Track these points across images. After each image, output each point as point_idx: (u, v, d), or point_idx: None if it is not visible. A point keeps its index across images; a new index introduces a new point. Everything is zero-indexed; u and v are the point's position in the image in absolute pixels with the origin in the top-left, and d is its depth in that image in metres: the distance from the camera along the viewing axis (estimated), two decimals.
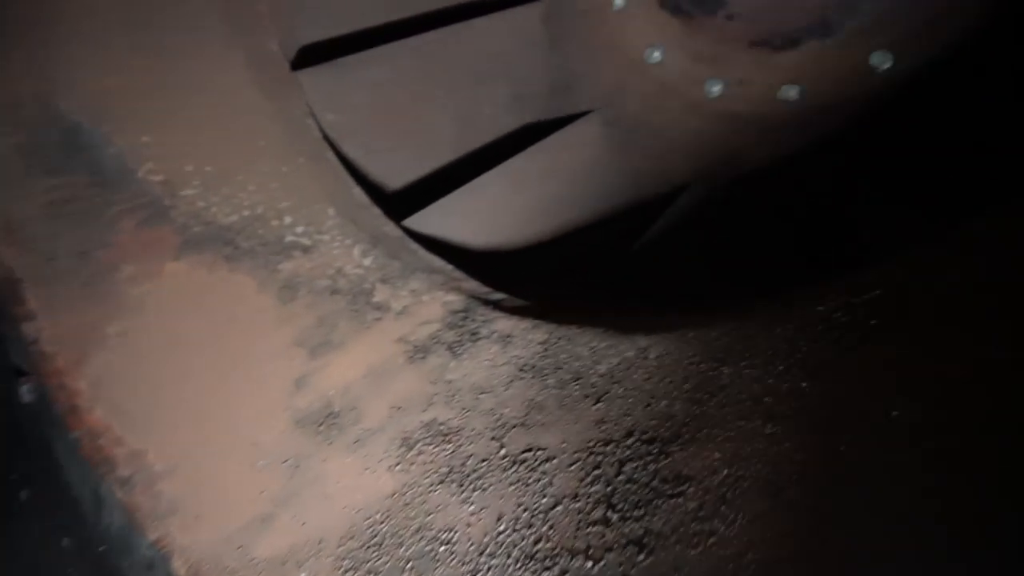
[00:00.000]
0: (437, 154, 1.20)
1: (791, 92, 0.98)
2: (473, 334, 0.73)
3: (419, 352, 0.73)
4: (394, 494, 0.58)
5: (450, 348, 0.72)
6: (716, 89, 1.04)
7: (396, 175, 1.14)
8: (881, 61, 0.90)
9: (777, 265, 0.94)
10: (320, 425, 0.67)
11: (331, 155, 1.02)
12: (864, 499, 0.31)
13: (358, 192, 0.98)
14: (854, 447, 0.34)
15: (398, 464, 0.61)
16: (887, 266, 0.47)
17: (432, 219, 1.03)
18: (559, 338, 0.66)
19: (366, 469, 0.62)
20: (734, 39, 1.01)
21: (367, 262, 0.86)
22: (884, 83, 0.92)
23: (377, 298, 0.81)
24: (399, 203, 1.06)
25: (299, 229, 0.90)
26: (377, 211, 0.96)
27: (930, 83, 0.88)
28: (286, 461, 0.64)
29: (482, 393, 0.63)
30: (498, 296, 0.80)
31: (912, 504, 0.29)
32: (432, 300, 0.80)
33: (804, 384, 0.40)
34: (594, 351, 0.61)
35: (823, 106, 0.98)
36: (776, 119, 1.02)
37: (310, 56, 1.14)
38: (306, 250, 0.88)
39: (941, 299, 0.40)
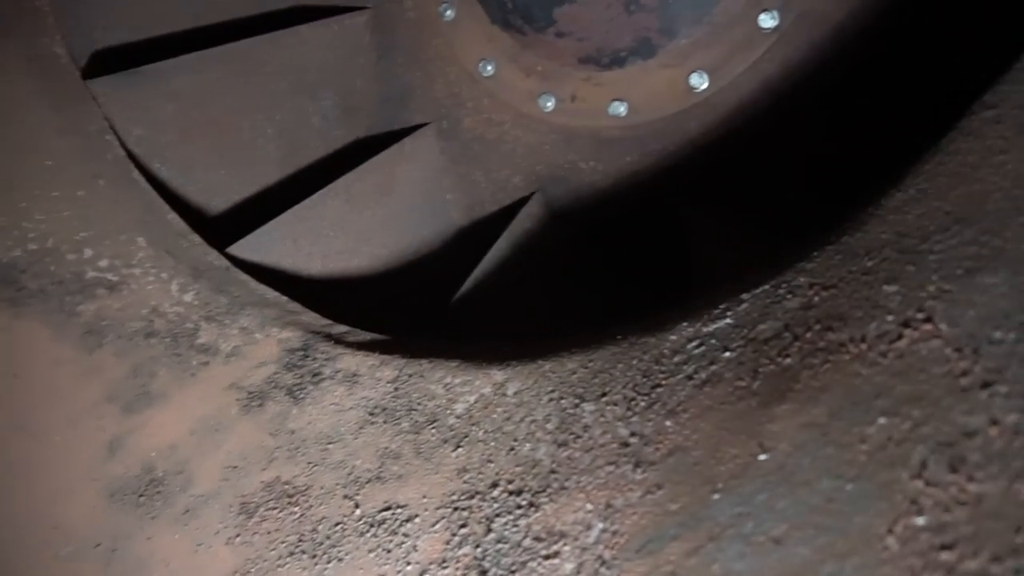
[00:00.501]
0: (263, 172, 1.11)
1: (620, 108, 1.01)
2: (315, 375, 0.67)
3: (255, 400, 0.66)
4: (235, 573, 0.51)
5: (290, 393, 0.66)
6: (550, 104, 1.05)
7: (218, 196, 1.05)
8: (699, 82, 0.95)
9: (623, 288, 0.97)
10: (141, 496, 0.58)
11: (139, 176, 0.90)
12: (747, 552, 0.32)
13: (174, 218, 0.88)
14: (729, 493, 0.34)
15: (238, 535, 0.54)
16: (732, 292, 0.49)
17: (261, 245, 0.95)
18: (410, 375, 0.63)
19: (200, 545, 0.55)
20: (564, 56, 1.02)
21: (188, 298, 0.77)
22: (704, 103, 0.97)
23: (202, 339, 0.73)
24: (223, 228, 0.97)
25: (102, 263, 0.79)
26: (197, 239, 0.87)
27: (750, 105, 0.94)
28: (99, 545, 0.55)
29: (330, 443, 0.58)
30: (340, 329, 0.75)
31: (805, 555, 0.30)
32: (266, 338, 0.73)
33: (668, 423, 0.40)
34: (449, 388, 0.58)
35: (649, 123, 1.01)
36: (608, 134, 1.05)
37: (105, 63, 1.01)
38: (112, 287, 0.77)
39: (791, 323, 0.42)
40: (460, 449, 0.50)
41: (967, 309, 0.33)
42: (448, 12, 1.10)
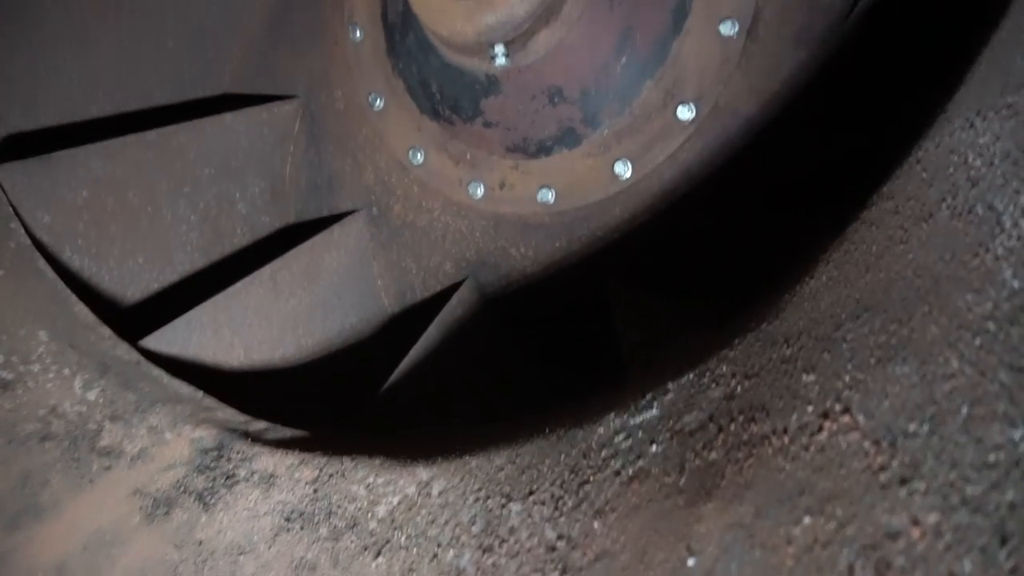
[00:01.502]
0: (184, 260, 1.08)
1: (548, 195, 1.03)
2: (229, 477, 0.62)
3: (160, 507, 0.61)
4: None
5: (200, 498, 0.61)
6: (479, 191, 1.06)
7: (134, 286, 1.00)
8: (623, 170, 0.98)
9: (555, 374, 0.96)
10: None
11: (45, 265, 0.86)
12: None
13: (81, 309, 0.83)
14: None
15: None
16: (658, 381, 0.48)
17: (179, 336, 0.91)
18: (331, 475, 0.59)
19: None
20: (492, 145, 1.04)
21: (92, 396, 0.72)
22: (628, 190, 1.00)
23: (105, 441, 0.67)
24: (138, 319, 0.92)
25: None
26: (107, 331, 0.82)
27: (671, 192, 0.97)
28: None
29: (241, 554, 0.54)
30: (259, 426, 0.71)
31: None
32: (177, 438, 0.68)
33: (595, 524, 0.38)
34: (371, 489, 0.55)
35: (576, 209, 1.03)
36: (537, 220, 1.06)
37: (17, 148, 0.97)
38: (7, 386, 0.72)
39: (715, 414, 0.41)
40: (380, 558, 0.47)
41: (882, 400, 0.33)
42: (377, 102, 1.12)
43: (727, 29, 0.92)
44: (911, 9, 0.73)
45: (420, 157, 1.10)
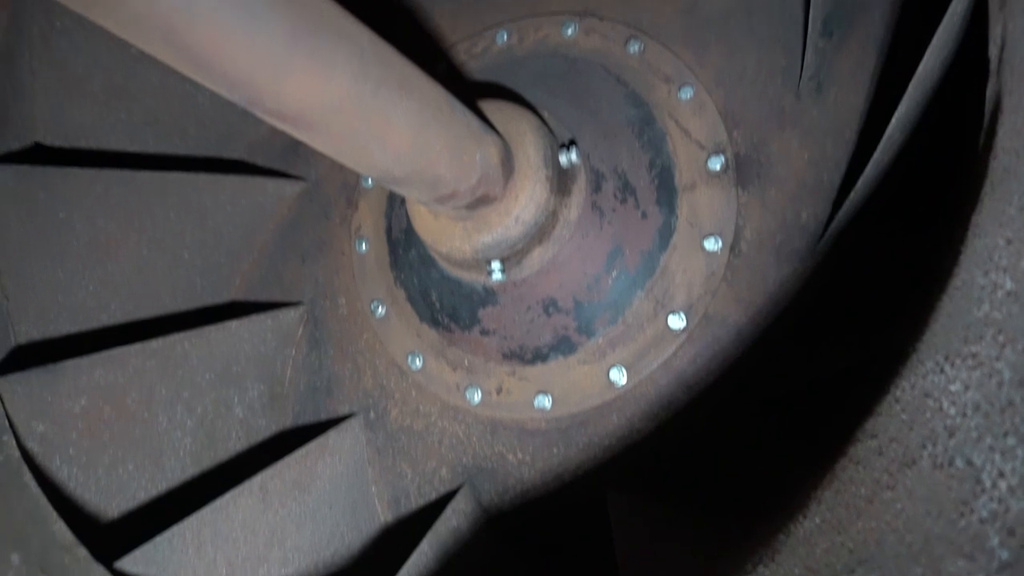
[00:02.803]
0: (174, 466, 1.06)
1: (545, 401, 1.03)
2: None
3: None
4: None
5: None
6: (476, 397, 1.07)
7: (120, 496, 0.97)
8: (618, 377, 0.99)
9: None
10: None
11: (31, 479, 0.84)
12: None
13: (60, 528, 0.80)
14: None
15: None
16: None
17: (158, 554, 0.87)
18: None
19: None
20: (489, 351, 1.06)
21: None
22: (624, 396, 1.00)
23: None
24: (121, 533, 0.89)
25: None
26: (83, 552, 0.79)
27: (667, 398, 0.98)
28: None
29: None
30: None
31: None
32: None
33: None
34: None
35: (573, 415, 1.03)
36: (534, 426, 1.05)
37: (22, 358, 0.99)
38: None
39: None
40: None
41: None
42: (379, 309, 1.16)
43: (711, 245, 0.97)
44: (877, 237, 0.78)
45: (419, 362, 1.11)
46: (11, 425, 0.87)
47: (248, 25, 0.48)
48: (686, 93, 1.01)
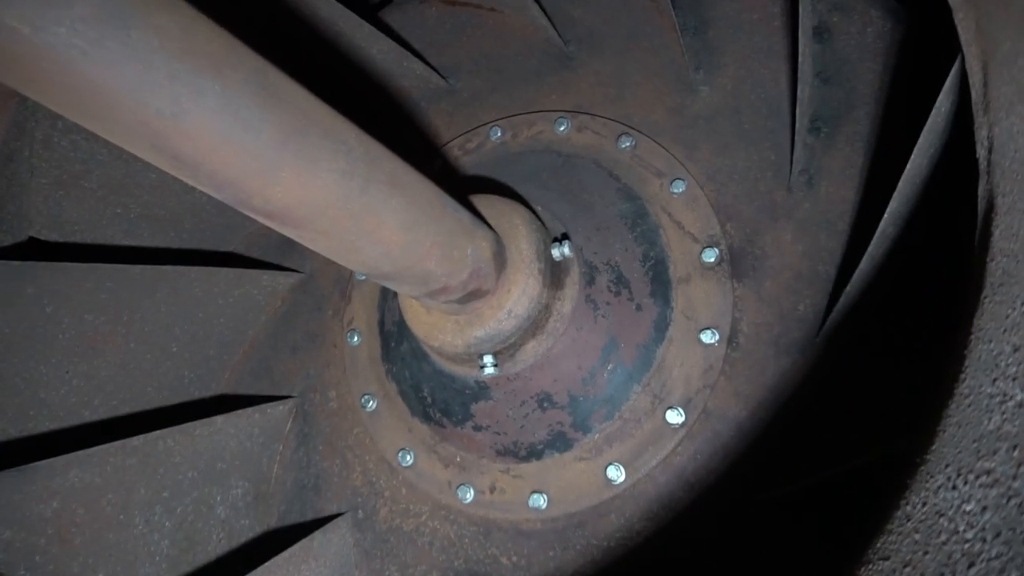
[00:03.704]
0: (149, 573, 1.00)
1: (540, 500, 0.99)
2: None
3: None
4: None
5: None
6: (469, 495, 1.03)
7: None
8: (616, 475, 0.95)
9: None
10: None
11: None
12: None
13: None
14: None
15: None
16: None
17: None
18: None
19: None
20: (482, 448, 1.03)
21: None
22: (623, 495, 0.96)
23: None
24: None
25: None
26: None
27: (667, 496, 0.94)
28: None
29: None
30: None
31: None
32: None
33: None
34: None
35: (570, 515, 0.98)
36: (529, 526, 1.01)
37: None
38: None
39: None
40: None
41: None
42: (370, 403, 1.13)
43: (708, 338, 0.95)
44: (876, 331, 0.76)
45: (409, 459, 1.08)
46: None
47: (235, 129, 0.48)
48: (678, 187, 1.02)
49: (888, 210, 0.73)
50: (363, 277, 1.22)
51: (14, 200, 1.01)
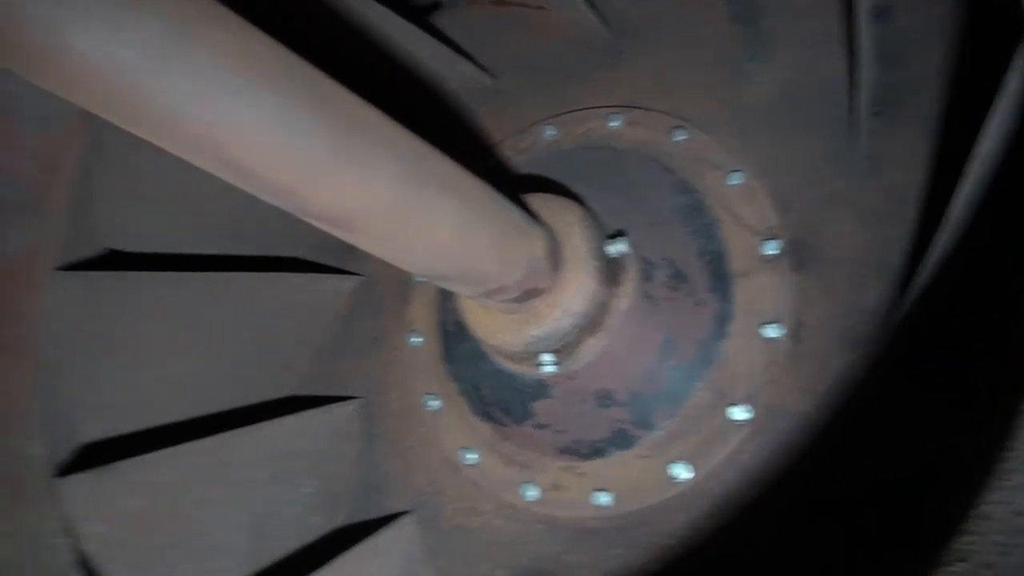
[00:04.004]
0: (228, 568, 1.04)
1: (603, 498, 0.98)
2: None
3: None
4: None
5: None
6: (532, 493, 1.03)
7: None
8: (680, 472, 0.94)
9: None
10: None
11: None
12: None
13: None
14: None
15: None
16: None
17: None
18: None
19: None
20: (543, 446, 1.03)
21: None
22: (688, 493, 0.95)
23: None
24: None
25: None
26: None
27: (735, 495, 0.92)
28: None
29: None
30: None
31: None
32: None
33: None
34: None
35: (634, 513, 0.98)
36: (592, 524, 1.00)
37: (86, 458, 1.01)
38: None
39: None
40: None
41: None
42: (432, 403, 1.15)
43: (771, 332, 0.93)
44: (950, 322, 0.73)
45: (472, 457, 1.09)
46: (69, 528, 0.88)
47: (290, 138, 0.49)
48: (735, 179, 1.00)
49: (961, 192, 0.70)
50: (422, 279, 1.24)
51: (92, 214, 1.07)
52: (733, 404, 0.93)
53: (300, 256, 1.36)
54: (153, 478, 0.99)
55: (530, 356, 0.93)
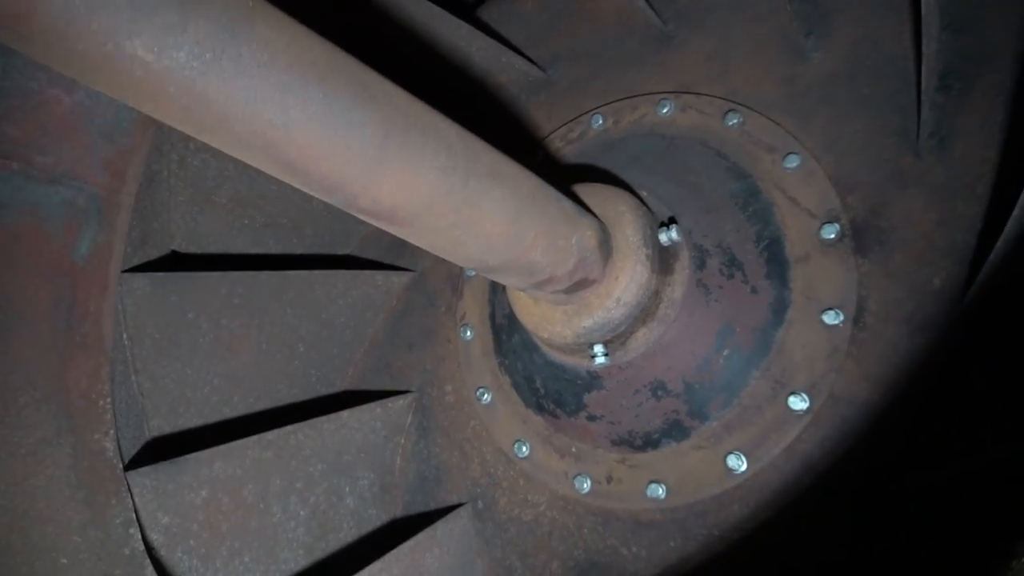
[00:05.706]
0: (288, 557, 1.07)
1: (658, 490, 0.97)
2: None
3: None
4: None
5: None
6: (586, 485, 1.02)
7: None
8: (737, 463, 0.92)
9: None
10: None
11: (152, 572, 0.87)
12: None
13: None
14: None
15: None
16: None
17: None
18: None
19: None
20: (597, 438, 1.02)
21: None
22: (745, 484, 0.93)
23: None
24: None
25: None
26: None
27: (793, 486, 0.89)
28: None
29: None
30: None
31: None
32: None
33: None
34: None
35: (689, 505, 0.96)
36: (648, 517, 0.99)
37: (153, 452, 1.05)
38: None
39: None
40: None
41: None
42: (485, 396, 1.15)
43: (831, 319, 0.90)
44: None
45: (526, 450, 1.09)
46: (138, 518, 0.92)
47: (340, 134, 0.50)
48: (792, 162, 0.97)
49: None
50: (472, 272, 1.24)
51: (157, 218, 1.10)
52: (792, 393, 0.91)
53: (353, 254, 1.38)
54: (216, 472, 1.02)
55: (581, 348, 0.92)
